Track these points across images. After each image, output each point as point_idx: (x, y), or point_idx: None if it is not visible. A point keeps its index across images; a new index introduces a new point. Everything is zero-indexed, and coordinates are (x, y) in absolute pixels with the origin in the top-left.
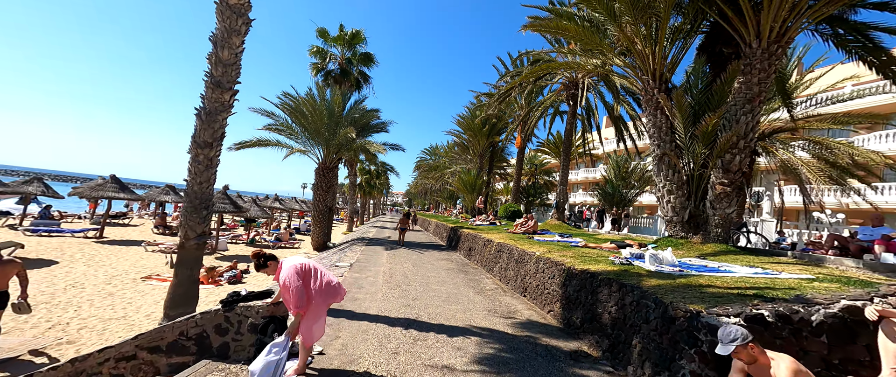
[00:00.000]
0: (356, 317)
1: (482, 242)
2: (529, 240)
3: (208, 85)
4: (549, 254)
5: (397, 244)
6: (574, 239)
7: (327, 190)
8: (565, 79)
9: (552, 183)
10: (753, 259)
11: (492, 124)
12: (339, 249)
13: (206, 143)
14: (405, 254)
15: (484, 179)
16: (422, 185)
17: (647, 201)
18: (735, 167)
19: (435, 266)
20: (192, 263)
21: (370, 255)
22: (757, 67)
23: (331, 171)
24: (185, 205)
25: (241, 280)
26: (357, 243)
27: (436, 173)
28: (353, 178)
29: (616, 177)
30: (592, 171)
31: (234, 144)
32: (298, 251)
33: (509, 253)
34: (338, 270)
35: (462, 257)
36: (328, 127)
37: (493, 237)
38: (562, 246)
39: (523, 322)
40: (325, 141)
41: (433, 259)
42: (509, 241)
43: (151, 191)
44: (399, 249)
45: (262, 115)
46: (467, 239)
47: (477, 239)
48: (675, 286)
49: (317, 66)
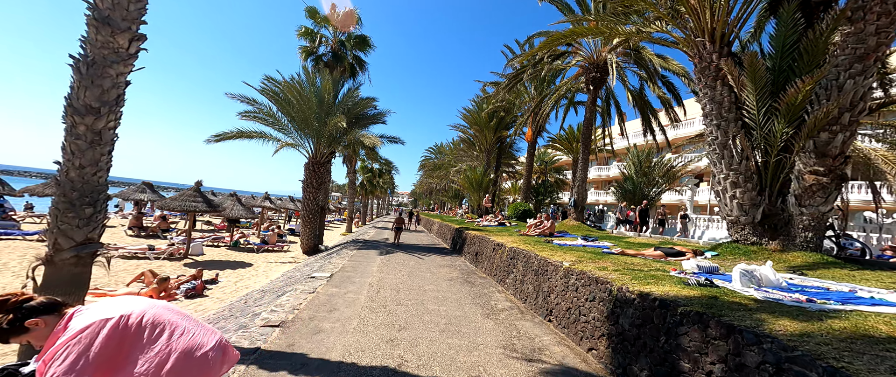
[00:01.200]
0: (306, 366)
1: (491, 246)
2: (549, 246)
3: (91, 22)
4: (580, 265)
5: (394, 247)
6: (602, 243)
7: (318, 187)
8: (584, 61)
9: (563, 181)
10: (870, 274)
11: (499, 118)
12: (328, 254)
13: (90, 108)
14: (401, 261)
15: (491, 177)
16: (427, 185)
17: (670, 199)
18: (834, 150)
19: (435, 275)
20: (68, 286)
21: (360, 262)
22: (875, 10)
23: (322, 166)
24: (55, 199)
25: (203, 293)
26: (350, 246)
27: (440, 172)
28: (353, 177)
29: (636, 173)
30: (604, 168)
31: (213, 136)
32: (286, 256)
33: (526, 261)
34: (312, 284)
35: (467, 263)
36: (318, 116)
37: (503, 240)
38: (591, 253)
39: (556, 369)
40: (314, 132)
41: (433, 266)
42: (524, 246)
43: (126, 189)
44: (395, 254)
45: (241, 101)
46: (473, 242)
47: (485, 242)
48: (836, 335)
49: (306, 50)
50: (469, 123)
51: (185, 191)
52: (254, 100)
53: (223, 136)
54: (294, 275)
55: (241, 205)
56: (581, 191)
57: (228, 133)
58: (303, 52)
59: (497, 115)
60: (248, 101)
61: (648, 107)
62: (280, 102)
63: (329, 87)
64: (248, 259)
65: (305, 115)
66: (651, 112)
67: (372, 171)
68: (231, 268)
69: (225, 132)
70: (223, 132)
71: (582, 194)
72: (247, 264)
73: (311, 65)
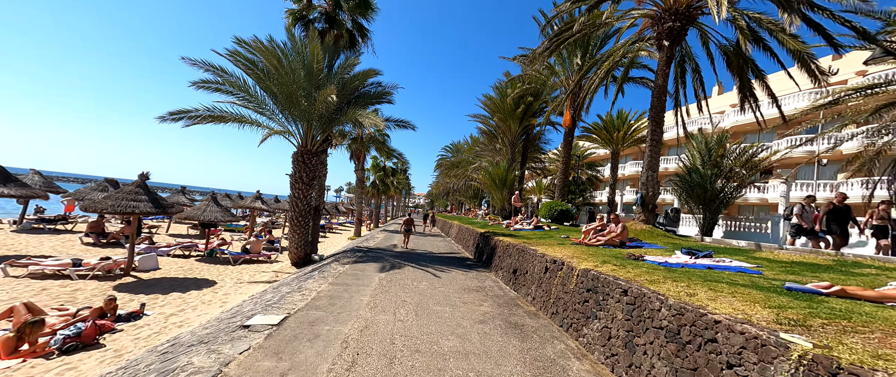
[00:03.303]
0: None
1: (540, 263)
2: (642, 267)
3: None
4: (836, 346)
5: (401, 258)
6: (733, 263)
7: (309, 182)
8: (655, 8)
9: (597, 178)
10: None
11: (527, 104)
12: (318, 268)
13: None
14: (408, 281)
15: (516, 173)
16: (443, 185)
17: (750, 198)
18: None
19: (457, 313)
20: None
21: (348, 284)
22: None
23: (314, 156)
24: None
25: (96, 341)
26: (346, 257)
27: (458, 170)
28: (361, 174)
29: (703, 163)
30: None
31: (169, 113)
32: (269, 269)
33: (635, 306)
34: (232, 349)
35: (502, 284)
36: (306, 93)
37: (558, 254)
38: (758, 288)
39: None
40: (303, 113)
41: (454, 290)
42: (603, 267)
43: (87, 187)
44: (402, 268)
45: (204, 68)
46: (508, 253)
47: (528, 255)
48: None
49: (294, 14)
50: (490, 112)
51: (126, 187)
52: (220, 68)
53: (184, 114)
54: (243, 308)
55: (218, 206)
56: (651, 185)
57: (192, 111)
58: (289, 16)
59: (524, 101)
60: (212, 69)
61: (749, 66)
62: (257, 75)
63: (319, 55)
64: (218, 275)
65: (290, 90)
66: (755, 72)
67: (384, 169)
68: (182, 289)
69: (187, 110)
70: (184, 110)
71: (652, 188)
72: (209, 283)
73: (300, 32)
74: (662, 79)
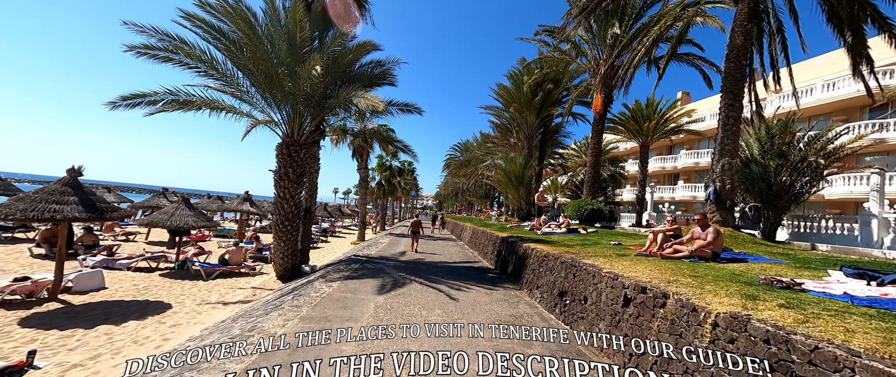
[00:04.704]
0: None
1: (611, 289)
2: (830, 307)
3: None
4: None
5: (407, 271)
6: None
7: (297, 180)
8: None
9: (622, 175)
10: None
11: (546, 92)
12: (305, 284)
13: None
14: (415, 308)
15: (534, 170)
16: (452, 186)
17: (835, 193)
18: None
19: (496, 368)
20: None
21: (328, 318)
22: None
23: (303, 148)
24: None
25: None
26: (340, 269)
27: (467, 169)
28: (365, 173)
29: (764, 153)
30: (668, 158)
31: (121, 97)
32: (248, 285)
33: None
34: None
35: (542, 311)
36: (289, 70)
37: (639, 275)
38: None
39: None
40: (287, 96)
41: (481, 322)
42: (782, 316)
43: None
44: (408, 285)
45: (155, 36)
46: (547, 265)
47: (582, 273)
48: None
49: None
50: (504, 103)
51: (48, 186)
52: (178, 38)
53: (140, 98)
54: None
55: (190, 208)
56: (728, 175)
57: (148, 95)
58: None
59: (542, 88)
60: (167, 37)
61: (868, 14)
62: (227, 47)
63: (302, 21)
64: (180, 294)
65: (269, 67)
66: (877, 21)
67: (390, 168)
68: (118, 319)
69: (143, 93)
70: (140, 93)
71: (730, 179)
72: (162, 307)
73: None
74: (742, 37)
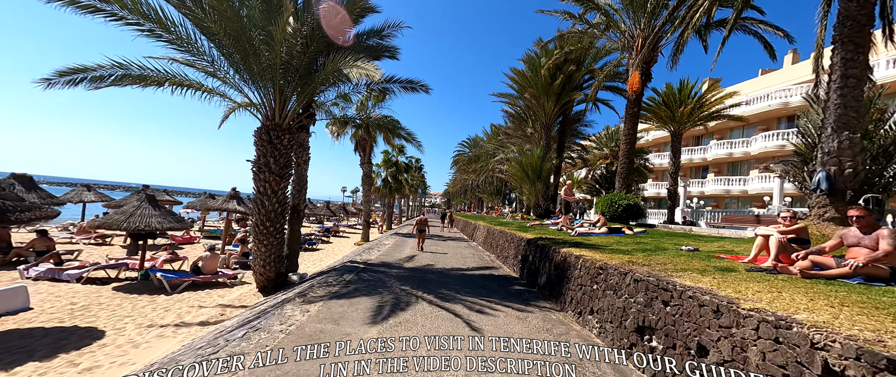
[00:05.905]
0: None
1: (788, 359)
2: None
3: None
4: None
5: (412, 283)
6: None
7: (280, 173)
8: None
9: (648, 168)
10: None
11: (567, 74)
12: (281, 302)
13: None
14: (420, 343)
15: (553, 162)
16: (461, 182)
17: None
18: None
19: None
20: None
21: (284, 374)
22: None
23: (286, 134)
24: None
25: None
26: (329, 282)
27: (477, 165)
28: (368, 168)
29: None
30: (696, 149)
31: (57, 73)
32: (217, 301)
33: None
34: None
35: (612, 354)
36: (265, 33)
37: (826, 319)
38: None
39: None
40: (264, 68)
41: (524, 364)
42: None
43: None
44: (412, 307)
45: None
46: (609, 284)
47: (683, 301)
48: None
49: None
50: (519, 89)
51: None
52: None
53: (81, 73)
54: None
55: (155, 207)
56: (847, 155)
57: (91, 68)
58: None
59: (563, 70)
60: None
61: None
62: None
63: None
64: (125, 315)
65: (236, 28)
66: None
67: (397, 164)
68: (16, 359)
69: (84, 67)
70: (80, 67)
71: (850, 160)
72: (90, 337)
73: None
74: None
